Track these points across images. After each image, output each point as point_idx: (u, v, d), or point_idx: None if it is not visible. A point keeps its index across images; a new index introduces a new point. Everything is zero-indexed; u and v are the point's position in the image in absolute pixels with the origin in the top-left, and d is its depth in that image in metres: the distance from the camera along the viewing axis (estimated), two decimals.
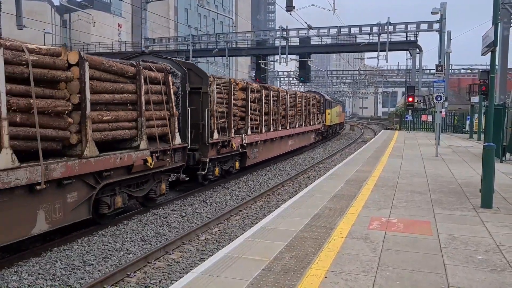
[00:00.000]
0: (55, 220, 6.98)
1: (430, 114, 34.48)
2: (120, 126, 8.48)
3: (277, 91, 19.04)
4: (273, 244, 5.79)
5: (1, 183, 5.84)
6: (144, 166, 8.95)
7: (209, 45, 47.18)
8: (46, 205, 6.79)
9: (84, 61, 7.25)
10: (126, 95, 8.59)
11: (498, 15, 8.46)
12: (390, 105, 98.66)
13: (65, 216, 7.20)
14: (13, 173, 6.01)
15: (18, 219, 6.31)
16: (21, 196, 6.35)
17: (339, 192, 9.40)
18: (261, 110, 16.46)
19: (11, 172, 5.97)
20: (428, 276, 4.74)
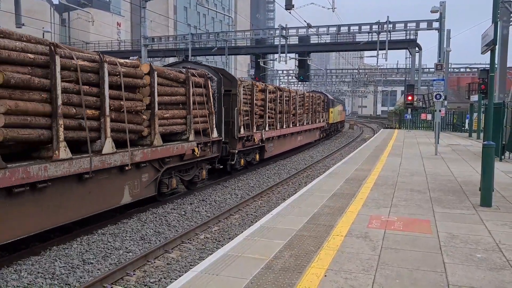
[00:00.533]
0: (134, 194, 9.14)
1: (429, 113, 34.47)
2: (175, 122, 10.57)
3: (289, 91, 21.06)
4: (273, 242, 5.79)
5: (106, 163, 7.98)
6: (192, 155, 11.16)
7: (209, 43, 47.13)
8: (130, 182, 8.98)
9: (153, 71, 9.40)
10: (178, 97, 10.73)
11: (497, 14, 8.45)
12: (390, 104, 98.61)
13: (141, 192, 9.36)
14: (112, 156, 8.13)
15: (113, 191, 8.52)
16: (115, 174, 8.52)
17: (339, 190, 9.40)
18: (275, 109, 18.56)
19: (111, 155, 8.11)
20: (427, 275, 4.74)
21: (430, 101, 39.46)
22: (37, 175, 6.51)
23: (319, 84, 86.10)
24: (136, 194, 9.19)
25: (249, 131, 15.27)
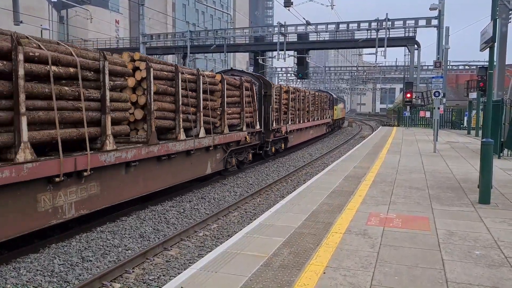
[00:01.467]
0: (213, 168, 12.90)
1: (428, 110, 34.52)
2: (234, 117, 14.35)
3: (304, 92, 24.95)
4: (272, 240, 5.80)
5: (201, 144, 11.62)
6: (244, 142, 14.92)
7: (207, 41, 47.04)
8: (210, 158, 12.71)
9: (223, 79, 13.14)
10: (235, 98, 14.42)
11: (496, 11, 8.45)
12: (388, 102, 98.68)
13: (216, 166, 13.12)
14: (204, 139, 11.83)
15: (203, 164, 12.30)
16: (204, 152, 12.22)
17: (338, 188, 9.41)
18: (295, 107, 22.39)
19: (203, 139, 11.80)
20: (426, 272, 4.75)
21: (428, 99, 39.49)
22: (171, 149, 10.25)
23: (318, 82, 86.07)
24: (213, 167, 12.98)
25: (278, 125, 19.15)
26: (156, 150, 9.58)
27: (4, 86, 6.19)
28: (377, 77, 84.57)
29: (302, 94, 24.11)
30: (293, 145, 22.64)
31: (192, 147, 11.11)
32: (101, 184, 8.15)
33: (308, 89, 27.88)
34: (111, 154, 8.15)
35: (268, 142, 17.85)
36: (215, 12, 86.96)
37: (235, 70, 18.45)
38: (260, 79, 17.41)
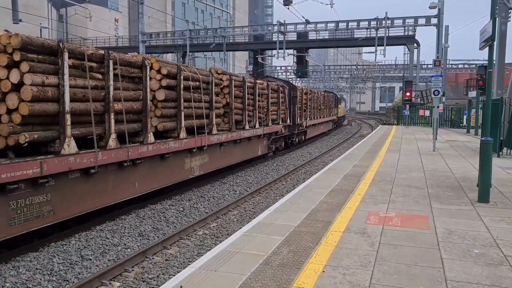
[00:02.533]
0: (261, 151, 17.12)
1: (427, 109, 34.51)
2: (273, 113, 18.67)
3: (316, 93, 30.10)
4: (271, 238, 5.80)
5: (256, 133, 15.57)
6: (281, 132, 19.48)
7: (207, 39, 46.99)
8: (260, 144, 16.94)
9: (268, 86, 17.65)
10: (274, 99, 18.79)
11: (496, 10, 8.44)
12: (388, 100, 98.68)
13: (263, 150, 17.36)
14: (258, 129, 15.91)
15: (256, 147, 16.37)
16: (257, 138, 16.32)
17: (337, 186, 9.41)
18: (311, 106, 26.97)
19: (257, 129, 15.85)
20: (425, 270, 4.76)
21: (428, 97, 39.49)
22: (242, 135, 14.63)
23: (317, 81, 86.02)
24: (262, 151, 17.39)
25: (301, 120, 23.66)
26: (235, 135, 13.95)
27: (173, 94, 10.38)
28: (377, 76, 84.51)
29: (316, 95, 28.96)
30: (309, 137, 27.51)
31: (252, 135, 15.59)
32: (209, 156, 12.46)
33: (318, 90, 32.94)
34: (215, 137, 12.47)
35: (294, 134, 22.66)
36: (214, 11, 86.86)
37: (270, 77, 24.77)
38: (289, 84, 22.88)
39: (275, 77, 24.83)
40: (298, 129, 23.20)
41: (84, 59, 7.52)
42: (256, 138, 16.20)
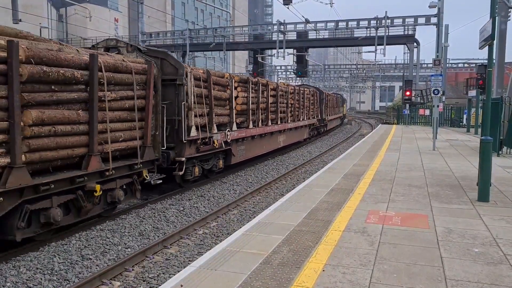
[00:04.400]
0: (306, 135, 25.87)
1: (427, 108, 34.50)
2: (312, 111, 26.62)
3: (331, 95, 38.25)
4: (271, 238, 5.81)
5: (304, 124, 24.41)
6: (313, 125, 27.53)
7: (206, 39, 46.97)
8: (304, 131, 25.39)
9: (310, 91, 26.53)
10: (312, 101, 26.63)
11: (495, 9, 8.45)
12: (388, 100, 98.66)
13: (306, 136, 25.89)
14: (305, 121, 24.62)
15: (303, 133, 25.27)
16: (302, 128, 24.59)
17: (337, 186, 9.42)
18: (329, 105, 34.50)
19: (302, 121, 23.79)
20: (425, 269, 4.77)
21: (428, 97, 39.44)
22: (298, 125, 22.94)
23: (317, 80, 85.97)
24: (306, 136, 25.59)
25: (325, 116, 31.70)
26: (296, 124, 22.15)
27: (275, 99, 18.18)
28: (377, 75, 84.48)
29: (331, 97, 36.64)
30: (328, 129, 35.83)
31: (303, 124, 23.86)
32: (285, 135, 20.70)
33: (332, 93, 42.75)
34: (289, 124, 20.64)
35: (322, 125, 31.40)
36: (214, 10, 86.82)
37: (305, 85, 33.58)
38: (319, 89, 31.65)
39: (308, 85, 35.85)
40: (323, 123, 31.75)
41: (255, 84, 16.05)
42: (304, 127, 24.83)
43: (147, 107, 9.25)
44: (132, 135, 8.87)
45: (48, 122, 6.73)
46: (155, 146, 9.73)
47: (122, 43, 10.34)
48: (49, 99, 6.82)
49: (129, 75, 8.69)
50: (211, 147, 12.35)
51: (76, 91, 7.39)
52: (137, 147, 9.00)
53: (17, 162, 6.21)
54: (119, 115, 8.51)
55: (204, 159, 12.48)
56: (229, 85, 13.69)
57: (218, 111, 12.99)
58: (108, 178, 8.21)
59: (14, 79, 6.13)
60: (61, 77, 6.91)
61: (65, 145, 7.14)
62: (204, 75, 11.98)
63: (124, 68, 8.56)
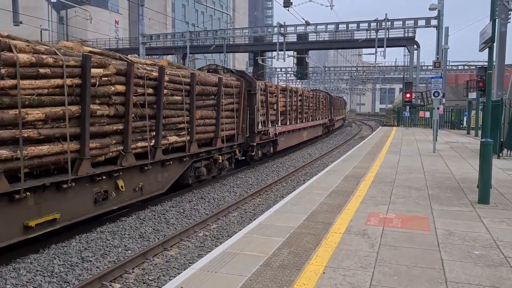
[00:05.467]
0: (320, 132, 31.03)
1: (427, 110, 34.50)
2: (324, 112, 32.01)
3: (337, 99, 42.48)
4: (271, 240, 5.80)
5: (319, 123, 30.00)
6: (326, 123, 33.40)
7: (207, 41, 47.02)
8: (320, 129, 30.67)
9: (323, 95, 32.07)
10: (324, 104, 32.13)
11: (495, 11, 8.46)
12: (388, 102, 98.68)
13: (320, 132, 31.25)
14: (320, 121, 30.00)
15: (319, 130, 30.37)
16: (317, 126, 29.40)
17: (337, 188, 9.42)
18: (335, 108, 38.85)
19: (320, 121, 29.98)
20: (425, 271, 4.76)
21: (428, 99, 39.46)
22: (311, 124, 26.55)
23: (318, 82, 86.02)
24: (320, 133, 30.78)
25: (331, 117, 35.81)
26: (315, 123, 27.27)
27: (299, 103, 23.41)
28: (377, 77, 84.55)
29: (337, 100, 42.03)
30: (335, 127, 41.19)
31: (319, 123, 28.61)
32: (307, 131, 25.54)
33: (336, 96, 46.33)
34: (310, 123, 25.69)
35: (331, 124, 35.91)
36: (214, 12, 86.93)
37: (319, 90, 35.59)
38: (329, 93, 37.01)
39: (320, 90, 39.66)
40: (332, 122, 36.37)
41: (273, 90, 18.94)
42: (319, 125, 29.67)
43: (240, 109, 14.47)
44: (232, 126, 14.00)
45: (203, 117, 11.85)
46: (243, 134, 15.00)
47: (220, 67, 15.78)
48: (202, 104, 11.85)
49: (231, 88, 13.73)
50: (268, 137, 17.67)
51: (211, 99, 12.45)
52: (234, 134, 14.21)
53: (193, 139, 11.27)
54: (227, 114, 13.54)
55: (262, 145, 17.74)
56: (275, 93, 18.62)
57: (270, 112, 17.95)
58: (222, 153, 13.37)
59: (192, 93, 11.05)
60: (206, 92, 11.95)
61: (207, 131, 12.25)
62: (263, 86, 16.95)
63: (230, 84, 13.64)
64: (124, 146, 8.60)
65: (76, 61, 7.25)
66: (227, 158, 13.86)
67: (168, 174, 10.41)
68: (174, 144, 10.48)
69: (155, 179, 9.87)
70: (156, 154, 9.61)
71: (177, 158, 10.73)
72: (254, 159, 16.94)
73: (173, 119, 10.36)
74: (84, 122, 7.38)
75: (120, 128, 8.51)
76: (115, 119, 8.42)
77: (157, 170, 9.93)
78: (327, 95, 34.16)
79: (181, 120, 10.70)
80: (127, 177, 8.87)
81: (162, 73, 9.55)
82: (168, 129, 10.21)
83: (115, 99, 8.25)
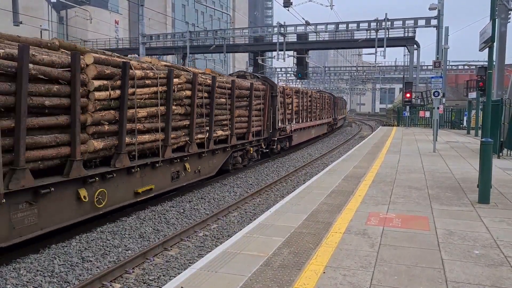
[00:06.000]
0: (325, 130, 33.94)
1: (427, 110, 34.51)
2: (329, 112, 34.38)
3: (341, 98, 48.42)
4: (272, 240, 5.80)
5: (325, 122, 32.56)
6: (331, 122, 36.12)
7: (207, 41, 47.02)
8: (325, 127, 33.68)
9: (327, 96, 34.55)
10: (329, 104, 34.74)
11: (495, 11, 8.46)
12: (388, 102, 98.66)
13: (325, 131, 33.99)
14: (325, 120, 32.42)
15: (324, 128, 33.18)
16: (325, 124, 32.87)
17: (337, 188, 9.42)
18: (338, 108, 40.95)
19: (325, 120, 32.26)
20: (425, 271, 4.76)
21: (428, 99, 39.46)
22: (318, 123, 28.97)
23: (318, 82, 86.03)
24: (325, 131, 33.70)
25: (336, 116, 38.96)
26: (321, 121, 29.49)
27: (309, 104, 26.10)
28: (377, 77, 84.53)
29: (339, 100, 45.03)
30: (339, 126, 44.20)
31: (325, 122, 31.30)
32: (315, 129, 28.26)
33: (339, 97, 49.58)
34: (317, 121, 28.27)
35: (334, 123, 38.97)
36: (214, 12, 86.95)
37: (323, 91, 37.05)
38: (332, 94, 39.37)
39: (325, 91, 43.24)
40: (335, 121, 39.37)
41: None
42: (325, 124, 32.28)
43: (265, 109, 17.15)
44: (259, 124, 16.65)
45: (239, 115, 14.44)
46: (267, 130, 17.67)
47: (247, 73, 19.03)
48: (239, 105, 14.40)
49: (259, 92, 16.32)
50: (285, 133, 20.39)
51: (244, 101, 14.97)
52: (261, 130, 16.86)
53: (233, 133, 13.87)
54: (256, 113, 16.17)
55: (280, 140, 20.28)
56: (290, 95, 21.19)
57: (287, 111, 20.51)
58: (252, 145, 16.04)
59: (232, 96, 13.62)
60: (242, 95, 14.51)
61: (242, 127, 14.90)
62: (281, 89, 19.75)
63: (258, 88, 16.15)
64: (189, 137, 11.17)
65: (164, 74, 9.74)
66: (255, 150, 16.57)
67: (216, 160, 13.15)
68: (220, 137, 13.16)
69: (207, 164, 12.53)
70: (209, 144, 12.27)
71: (222, 148, 13.38)
72: (274, 152, 19.57)
73: (220, 116, 12.98)
74: (168, 119, 9.86)
75: (187, 124, 11.06)
76: (184, 116, 10.92)
77: (209, 157, 12.58)
78: (331, 96, 37.03)
79: (225, 118, 13.39)
80: (191, 161, 11.49)
81: (214, 80, 12.18)
82: (216, 125, 12.75)
83: (185, 101, 10.77)
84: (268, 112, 17.33)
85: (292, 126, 21.38)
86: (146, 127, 9.22)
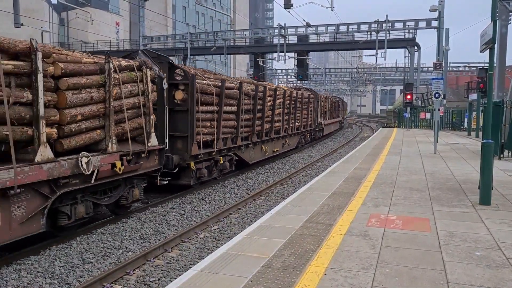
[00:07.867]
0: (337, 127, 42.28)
1: (428, 112, 34.51)
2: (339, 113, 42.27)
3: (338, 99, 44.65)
4: (272, 241, 5.80)
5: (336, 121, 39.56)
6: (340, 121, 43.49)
7: (207, 43, 47.07)
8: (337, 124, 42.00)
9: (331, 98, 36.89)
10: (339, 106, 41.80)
11: (496, 12, 8.46)
12: (389, 103, 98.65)
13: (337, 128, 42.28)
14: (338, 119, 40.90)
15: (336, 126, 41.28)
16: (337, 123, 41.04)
17: (338, 189, 9.41)
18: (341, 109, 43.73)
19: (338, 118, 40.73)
20: (427, 273, 4.76)
21: (429, 100, 39.48)
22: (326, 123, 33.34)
23: (318, 83, 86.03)
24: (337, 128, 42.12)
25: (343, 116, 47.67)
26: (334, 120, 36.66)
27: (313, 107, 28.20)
28: (377, 79, 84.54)
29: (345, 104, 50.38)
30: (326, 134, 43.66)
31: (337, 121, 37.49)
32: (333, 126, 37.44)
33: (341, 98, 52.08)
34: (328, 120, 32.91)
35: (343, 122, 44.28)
36: (215, 14, 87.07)
37: (334, 96, 42.04)
38: (338, 97, 45.59)
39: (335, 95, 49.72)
40: (344, 120, 45.69)
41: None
42: (338, 121, 37.86)
43: (313, 110, 26.01)
44: (311, 119, 25.52)
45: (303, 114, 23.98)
46: (314, 123, 26.55)
47: (302, 87, 28.42)
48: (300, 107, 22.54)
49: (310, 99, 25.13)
50: (321, 127, 29.56)
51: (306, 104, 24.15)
52: (311, 123, 25.91)
53: (301, 124, 23.74)
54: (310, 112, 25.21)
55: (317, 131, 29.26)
56: (323, 100, 30.53)
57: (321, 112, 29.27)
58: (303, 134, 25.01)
59: (302, 102, 23.15)
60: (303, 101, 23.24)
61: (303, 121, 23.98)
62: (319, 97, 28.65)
63: (310, 97, 25.13)
64: (287, 126, 20.07)
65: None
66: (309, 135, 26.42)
67: (295, 139, 22.68)
68: (297, 127, 21.92)
69: (292, 140, 22.32)
70: (293, 130, 22.07)
71: (298, 133, 22.84)
72: (315, 138, 28.99)
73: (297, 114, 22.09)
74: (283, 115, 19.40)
75: (286, 118, 19.10)
76: (286, 115, 19.28)
77: (292, 137, 22.36)
78: (341, 100, 47.10)
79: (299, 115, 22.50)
80: (287, 138, 21.09)
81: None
82: (297, 120, 22.21)
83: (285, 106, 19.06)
84: (314, 112, 26.58)
85: (324, 122, 30.60)
86: (275, 119, 18.28)
